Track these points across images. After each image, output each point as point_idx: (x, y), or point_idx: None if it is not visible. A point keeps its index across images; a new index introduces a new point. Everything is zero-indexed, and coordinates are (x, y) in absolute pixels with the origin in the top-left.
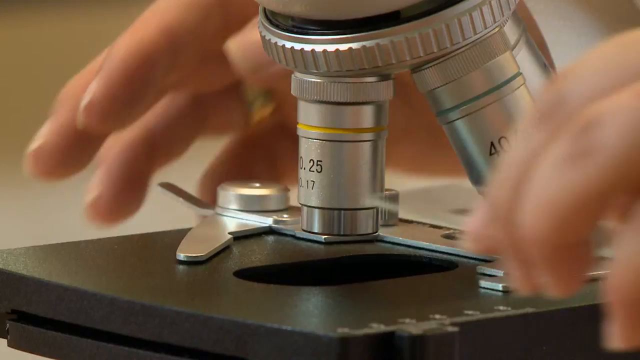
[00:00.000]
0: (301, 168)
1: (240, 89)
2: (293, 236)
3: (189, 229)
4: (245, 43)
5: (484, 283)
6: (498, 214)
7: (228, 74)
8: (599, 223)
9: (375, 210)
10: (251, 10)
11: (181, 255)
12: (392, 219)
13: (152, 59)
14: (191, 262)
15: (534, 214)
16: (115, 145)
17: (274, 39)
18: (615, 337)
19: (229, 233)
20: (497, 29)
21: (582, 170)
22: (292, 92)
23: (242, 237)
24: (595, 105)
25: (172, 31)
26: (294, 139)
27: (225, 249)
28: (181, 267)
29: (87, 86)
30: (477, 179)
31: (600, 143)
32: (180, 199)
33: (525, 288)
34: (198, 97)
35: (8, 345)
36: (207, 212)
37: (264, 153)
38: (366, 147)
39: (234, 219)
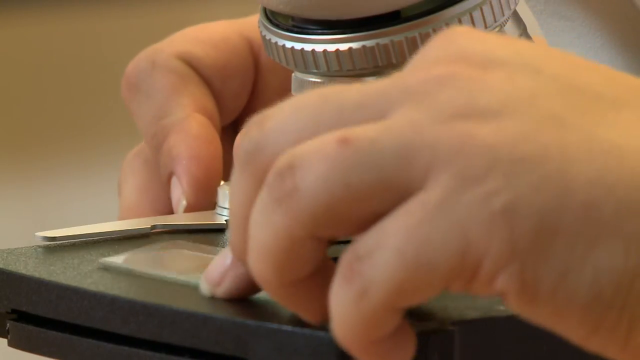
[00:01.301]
0: None
1: None
2: None
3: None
4: None
5: None
6: (236, 258)
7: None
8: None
9: None
10: (216, 93)
11: (39, 236)
12: None
13: (212, 148)
14: (47, 241)
15: (254, 258)
16: (181, 149)
17: (274, 39)
18: None
19: (152, 226)
20: (497, 29)
21: (284, 213)
22: (292, 92)
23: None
24: (295, 149)
25: (202, 110)
26: None
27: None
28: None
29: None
30: None
31: (299, 185)
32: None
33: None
34: None
35: (8, 345)
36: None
37: None
38: None
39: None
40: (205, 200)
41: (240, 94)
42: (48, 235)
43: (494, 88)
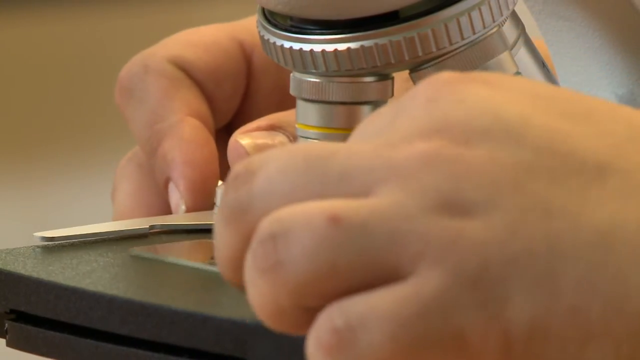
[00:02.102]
0: None
1: None
2: None
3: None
4: (263, 148)
5: None
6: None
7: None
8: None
9: None
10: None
11: (37, 236)
12: None
13: (207, 151)
14: (46, 241)
15: (251, 305)
16: (175, 154)
17: (272, 39)
18: None
19: (150, 226)
20: (495, 29)
21: (269, 282)
22: (290, 92)
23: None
24: (279, 214)
25: (195, 113)
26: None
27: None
28: (180, 266)
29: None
30: None
31: (283, 258)
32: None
33: None
34: None
35: (7, 345)
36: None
37: None
38: None
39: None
40: (204, 203)
41: (233, 96)
42: (47, 236)
43: (478, 173)
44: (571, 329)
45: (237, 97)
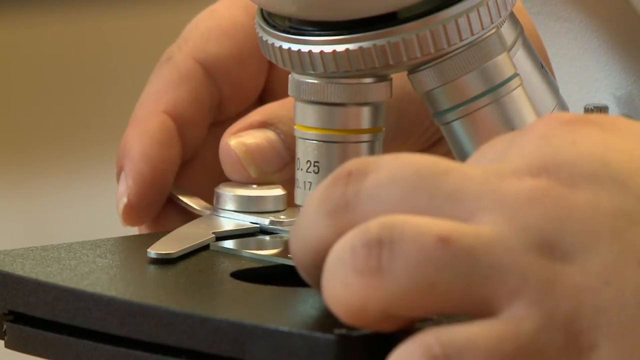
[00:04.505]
0: (298, 169)
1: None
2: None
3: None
4: (252, 149)
5: None
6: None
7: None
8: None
9: None
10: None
11: (152, 253)
12: None
13: (167, 152)
14: (162, 260)
15: (325, 295)
16: (134, 145)
17: (270, 40)
18: None
19: (213, 232)
20: (494, 30)
21: (362, 285)
22: (289, 92)
23: (230, 236)
24: (393, 220)
25: (175, 114)
26: None
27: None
28: (179, 268)
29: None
30: None
31: (385, 267)
32: (182, 200)
33: None
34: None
35: (5, 347)
36: (207, 213)
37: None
38: (363, 148)
39: (228, 219)
40: (148, 201)
41: (258, 74)
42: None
43: (579, 218)
44: None
45: (262, 74)
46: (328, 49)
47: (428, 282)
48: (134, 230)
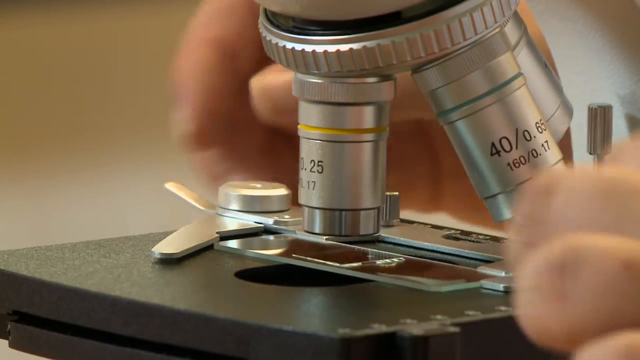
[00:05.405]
0: (302, 169)
1: None
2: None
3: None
4: (267, 87)
5: (484, 283)
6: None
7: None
8: None
9: (376, 210)
10: None
11: (156, 252)
12: (393, 220)
13: (220, 78)
14: (166, 260)
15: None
16: (187, 72)
17: (274, 40)
18: None
19: (217, 232)
20: (498, 29)
21: (546, 309)
22: (292, 92)
23: (235, 236)
24: (577, 243)
25: (224, 43)
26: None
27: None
28: (183, 267)
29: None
30: (477, 180)
31: (568, 292)
32: (187, 199)
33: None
34: None
35: (9, 346)
36: (212, 213)
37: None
38: (367, 148)
39: (232, 219)
40: (207, 127)
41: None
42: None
43: None
44: None
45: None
46: (332, 48)
47: (612, 309)
48: (138, 231)
